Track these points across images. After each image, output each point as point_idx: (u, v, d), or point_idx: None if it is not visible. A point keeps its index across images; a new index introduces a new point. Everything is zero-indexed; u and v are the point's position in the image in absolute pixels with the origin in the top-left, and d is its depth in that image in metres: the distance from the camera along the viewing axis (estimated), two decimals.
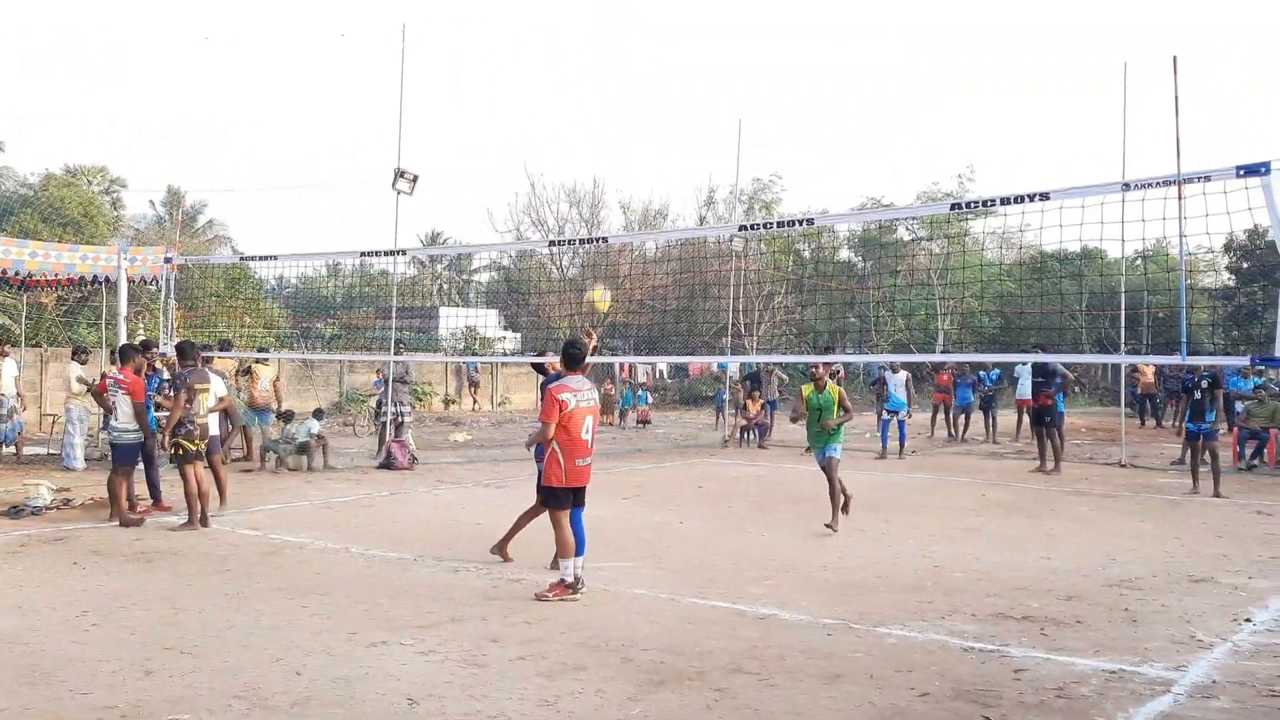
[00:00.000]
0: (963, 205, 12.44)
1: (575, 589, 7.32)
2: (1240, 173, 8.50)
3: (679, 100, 78.80)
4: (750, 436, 20.50)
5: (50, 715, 4.92)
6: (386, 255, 16.12)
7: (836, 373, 18.40)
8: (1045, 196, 9.76)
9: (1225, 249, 34.54)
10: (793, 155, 72.01)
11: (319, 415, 15.85)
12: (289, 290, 35.81)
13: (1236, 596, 7.71)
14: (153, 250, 17.80)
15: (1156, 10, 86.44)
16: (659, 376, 38.48)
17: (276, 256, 16.16)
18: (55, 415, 17.58)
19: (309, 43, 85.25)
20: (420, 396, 27.26)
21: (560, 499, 7.46)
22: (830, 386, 10.39)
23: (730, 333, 25.99)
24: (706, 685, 5.45)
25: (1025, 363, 18.23)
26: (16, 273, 15.15)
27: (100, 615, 6.69)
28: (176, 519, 10.28)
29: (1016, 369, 19.97)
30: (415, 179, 15.63)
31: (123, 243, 25.17)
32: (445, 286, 52.74)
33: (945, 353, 31.17)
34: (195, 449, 10.10)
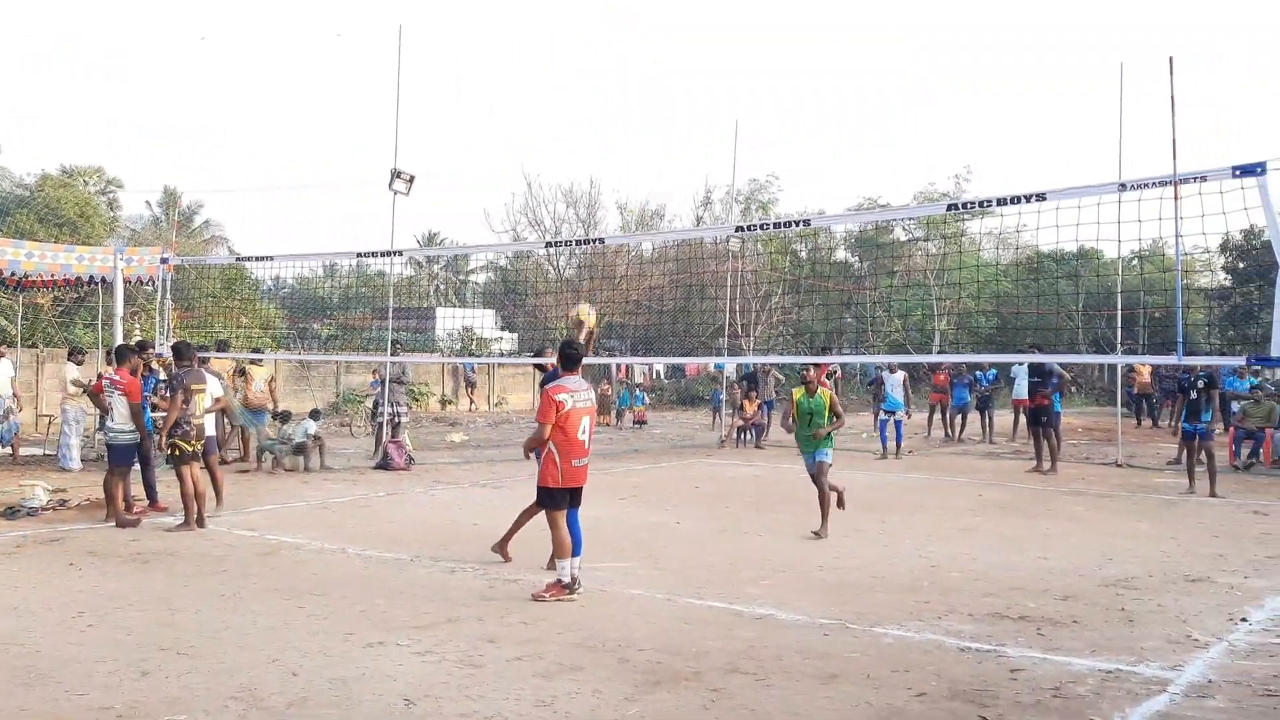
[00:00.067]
0: (959, 205, 12.47)
1: (572, 589, 7.32)
2: (1236, 173, 8.51)
3: (676, 101, 78.99)
4: (747, 437, 20.51)
5: (46, 716, 4.91)
6: (383, 256, 16.12)
7: (834, 373, 18.47)
8: (1042, 197, 9.76)
9: (1221, 249, 34.58)
10: (790, 156, 72.29)
11: (315, 416, 15.85)
12: (285, 291, 35.78)
13: (1232, 596, 7.72)
14: (149, 251, 17.80)
15: (1153, 11, 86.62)
16: (656, 377, 38.49)
17: (273, 257, 16.16)
18: (51, 416, 17.56)
19: (307, 43, 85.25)
20: (417, 397, 27.25)
21: (557, 499, 7.45)
22: (822, 391, 10.10)
23: (727, 333, 26.03)
24: (703, 685, 5.46)
25: (1022, 363, 18.23)
26: (12, 273, 15.14)
27: (96, 616, 6.68)
28: (173, 520, 10.27)
29: (1013, 369, 19.97)
30: (412, 179, 15.61)
31: (119, 243, 25.16)
32: (442, 287, 52.76)
33: (942, 353, 31.20)
34: (192, 450, 10.10)
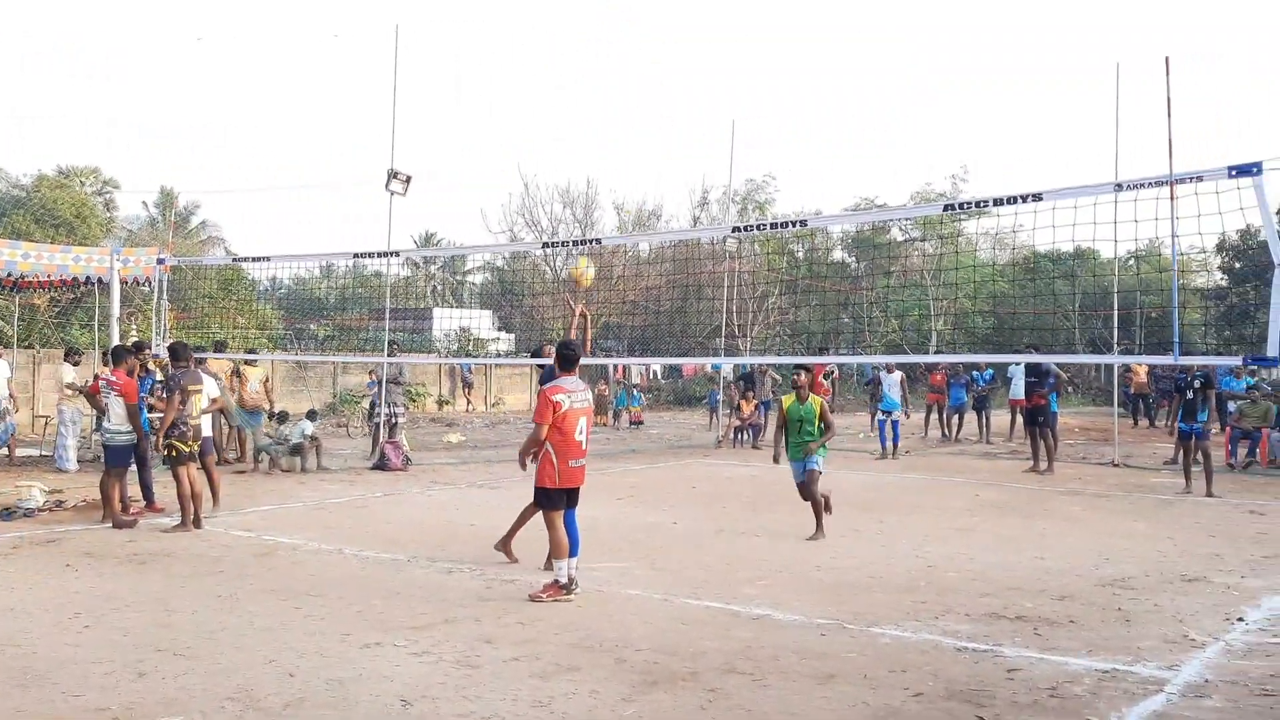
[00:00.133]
0: (956, 206, 12.48)
1: (569, 590, 7.31)
2: (1232, 173, 8.54)
3: (673, 101, 78.97)
4: (744, 437, 20.51)
5: (43, 717, 4.90)
6: (380, 256, 16.12)
7: (831, 373, 18.47)
8: (1038, 197, 9.78)
9: (1218, 249, 34.61)
10: (787, 156, 72.30)
11: (312, 416, 15.84)
12: (282, 292, 35.77)
13: (1229, 596, 7.72)
14: (145, 251, 17.78)
15: (1150, 11, 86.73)
16: (653, 377, 38.49)
17: (269, 258, 16.16)
18: (48, 417, 17.54)
19: (304, 44, 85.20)
20: (414, 398, 27.27)
21: (554, 499, 7.45)
22: (812, 398, 9.80)
23: (724, 333, 26.04)
24: (700, 686, 5.46)
25: (1018, 363, 18.24)
26: (9, 274, 15.11)
27: (93, 617, 6.67)
28: (169, 520, 10.26)
29: (1010, 369, 19.97)
30: (408, 180, 15.61)
31: (115, 244, 25.17)
32: (439, 287, 52.78)
33: (939, 353, 31.22)
34: (188, 450, 10.09)
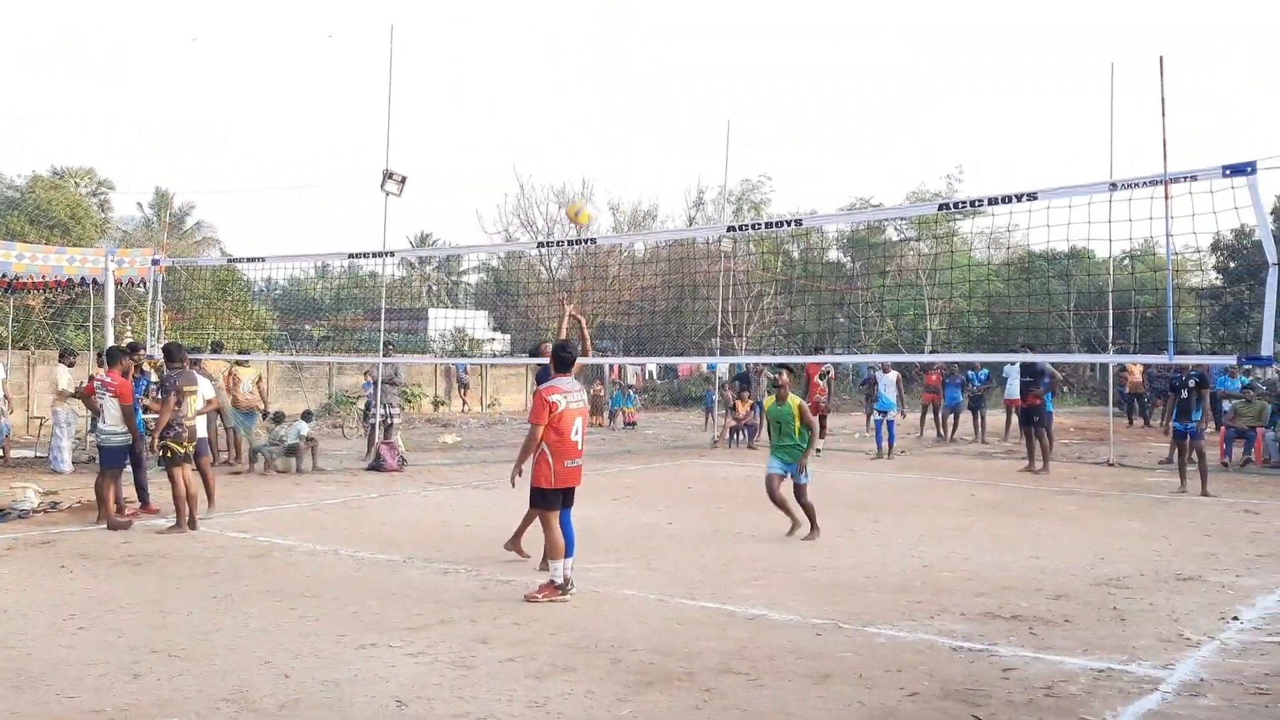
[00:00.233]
0: (951, 205, 12.49)
1: (564, 590, 7.31)
2: (1227, 172, 8.56)
3: (669, 101, 78.92)
4: (739, 437, 20.51)
5: (38, 719, 4.89)
6: (375, 257, 16.11)
7: (827, 373, 18.47)
8: (1033, 196, 9.79)
9: (1212, 248, 34.71)
10: (783, 156, 72.29)
11: (307, 417, 15.81)
12: (277, 292, 35.71)
13: (1224, 595, 7.73)
14: (140, 252, 17.74)
15: (1145, 12, 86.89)
16: (649, 378, 38.50)
17: (264, 258, 16.14)
18: (42, 418, 17.49)
19: (301, 44, 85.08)
20: (409, 398, 27.24)
21: (550, 500, 7.44)
22: (791, 399, 9.70)
23: (719, 333, 26.06)
24: (696, 686, 5.46)
25: (1013, 362, 18.27)
26: (3, 275, 15.07)
27: (88, 618, 6.66)
28: (164, 522, 10.24)
29: (1005, 369, 20.00)
30: (404, 180, 15.60)
31: (110, 245, 25.13)
32: (434, 288, 52.74)
33: (934, 353, 31.28)
34: (184, 451, 10.07)
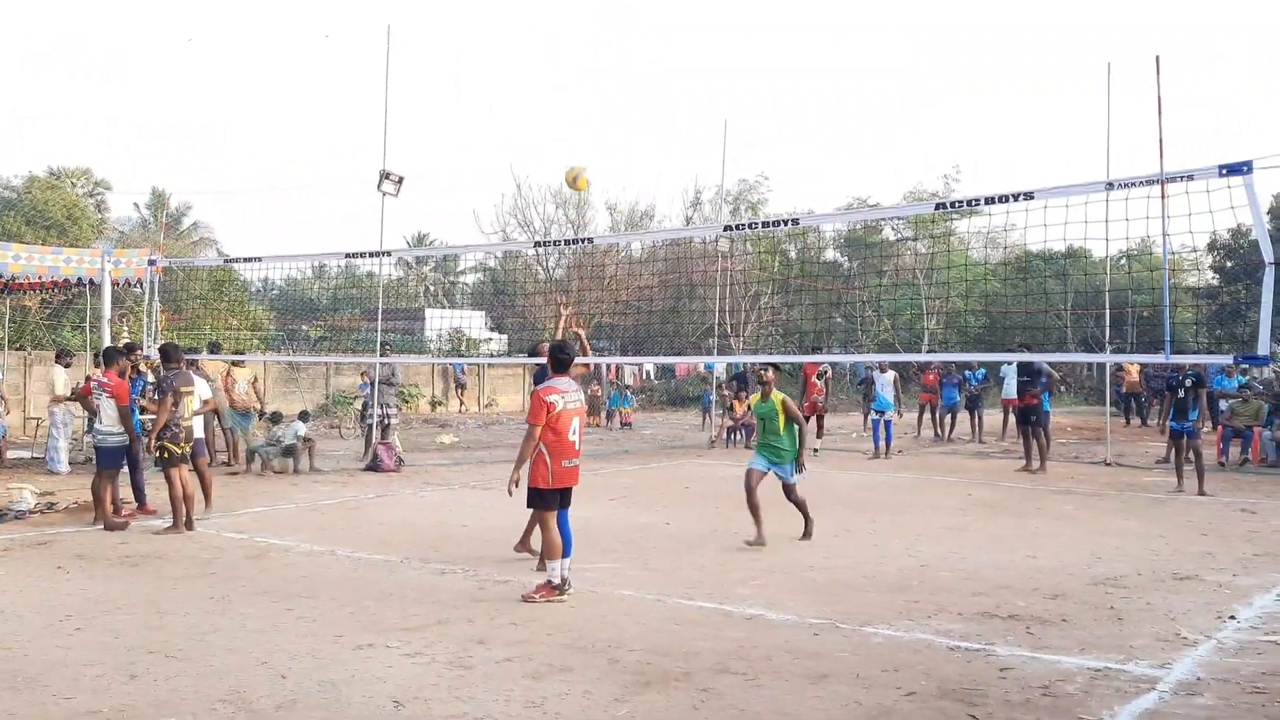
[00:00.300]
0: (948, 205, 12.48)
1: (562, 590, 7.31)
2: (1223, 172, 8.54)
3: (666, 101, 78.95)
4: (737, 437, 20.51)
5: None
6: (372, 256, 16.07)
7: (824, 372, 18.49)
8: (1030, 196, 9.78)
9: (1209, 248, 34.79)
10: (780, 156, 72.26)
11: (305, 417, 15.81)
12: (274, 293, 35.70)
13: (1221, 594, 7.74)
14: (137, 253, 17.70)
15: (1142, 12, 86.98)
16: (646, 378, 38.51)
17: (261, 258, 16.11)
18: (39, 419, 17.49)
19: (298, 45, 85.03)
20: (407, 398, 27.22)
21: (547, 500, 7.44)
22: (774, 395, 9.63)
23: (716, 333, 26.06)
24: (693, 686, 5.45)
25: (1011, 362, 18.29)
26: (0, 276, 15.05)
27: (84, 619, 6.65)
28: (161, 522, 10.22)
29: (1002, 368, 20.02)
30: (400, 180, 15.60)
31: (107, 245, 25.08)
32: (431, 288, 52.73)
33: (931, 352, 31.29)
34: (180, 452, 10.06)
